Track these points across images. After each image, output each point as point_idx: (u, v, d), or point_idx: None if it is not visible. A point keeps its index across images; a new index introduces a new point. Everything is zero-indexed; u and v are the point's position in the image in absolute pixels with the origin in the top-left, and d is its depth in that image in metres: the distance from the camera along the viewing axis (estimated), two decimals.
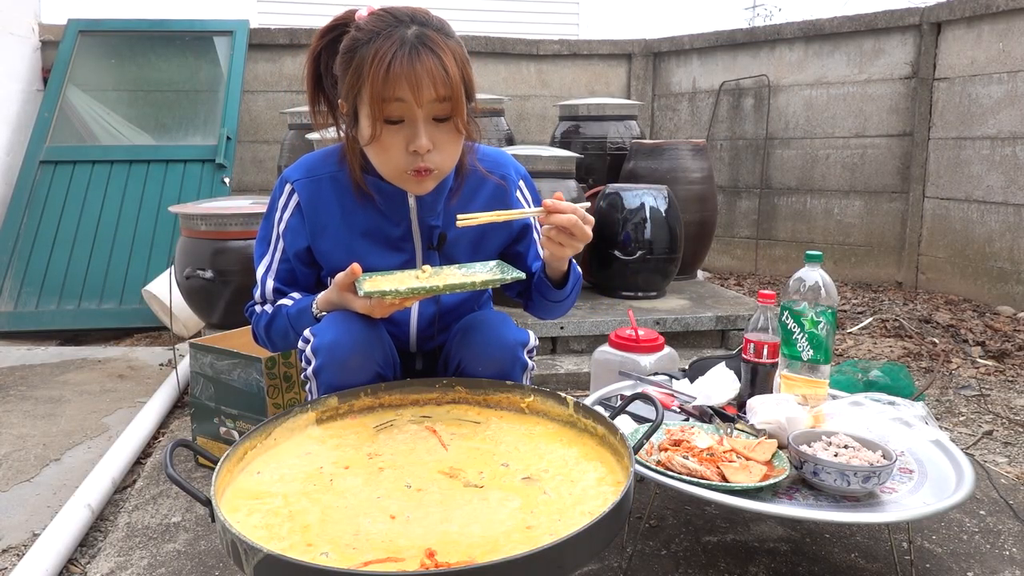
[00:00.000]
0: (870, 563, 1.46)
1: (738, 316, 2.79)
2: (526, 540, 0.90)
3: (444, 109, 1.20)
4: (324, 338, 1.26)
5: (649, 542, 1.53)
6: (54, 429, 2.20)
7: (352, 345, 1.26)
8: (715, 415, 1.52)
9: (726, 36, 4.63)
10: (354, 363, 1.27)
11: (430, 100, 1.18)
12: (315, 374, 1.29)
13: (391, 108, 1.19)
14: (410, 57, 1.16)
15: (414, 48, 1.17)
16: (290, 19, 5.92)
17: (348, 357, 1.26)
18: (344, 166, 1.35)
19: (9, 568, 1.49)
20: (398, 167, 1.24)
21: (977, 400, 2.42)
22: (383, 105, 1.18)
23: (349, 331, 1.26)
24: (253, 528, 0.94)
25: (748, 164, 4.64)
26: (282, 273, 1.41)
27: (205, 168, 3.78)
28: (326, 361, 1.26)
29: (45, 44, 4.24)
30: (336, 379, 1.27)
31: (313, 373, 1.29)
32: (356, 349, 1.26)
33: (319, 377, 1.28)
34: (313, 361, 1.28)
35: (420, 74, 1.16)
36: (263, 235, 1.42)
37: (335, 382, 1.28)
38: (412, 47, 1.17)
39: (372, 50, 1.17)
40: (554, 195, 1.26)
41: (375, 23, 1.20)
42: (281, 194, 1.38)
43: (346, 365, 1.26)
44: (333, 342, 1.26)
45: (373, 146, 1.23)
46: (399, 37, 1.17)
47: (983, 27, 3.65)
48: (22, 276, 3.40)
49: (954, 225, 3.86)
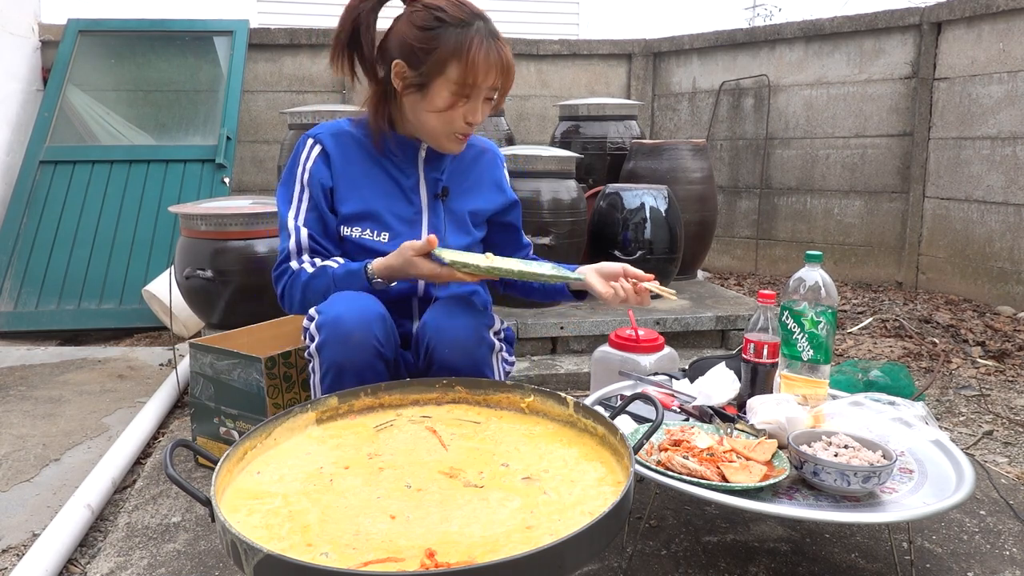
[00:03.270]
0: (870, 563, 1.46)
1: (738, 316, 2.79)
2: (526, 540, 0.90)
3: (494, 92, 1.46)
4: (329, 314, 1.36)
5: (649, 542, 1.53)
6: (54, 429, 2.20)
7: (355, 320, 1.34)
8: (715, 415, 1.52)
9: (726, 36, 4.63)
10: (356, 338, 1.34)
11: (494, 85, 1.44)
12: (318, 350, 1.37)
13: (471, 89, 1.41)
14: (497, 53, 1.41)
15: (494, 44, 1.41)
16: (290, 19, 5.92)
17: (350, 332, 1.34)
18: (359, 128, 1.55)
19: (9, 568, 1.49)
20: (451, 131, 1.47)
21: (977, 400, 2.42)
22: (470, 87, 1.41)
23: (352, 308, 1.36)
24: (253, 528, 0.94)
25: (748, 164, 4.64)
26: (311, 221, 1.51)
27: (205, 168, 3.77)
28: (329, 336, 1.35)
29: (45, 44, 4.24)
30: (338, 355, 1.35)
31: (316, 349, 1.37)
32: (358, 324, 1.34)
33: (322, 353, 1.36)
34: (316, 337, 1.37)
35: (500, 64, 1.42)
36: (285, 194, 1.53)
37: (337, 358, 1.35)
38: (493, 42, 1.41)
39: (467, 38, 1.39)
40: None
41: (456, 11, 1.41)
42: (303, 148, 1.53)
43: (348, 340, 1.34)
44: (337, 317, 1.35)
45: (439, 114, 1.44)
46: (482, 31, 1.40)
47: (983, 27, 3.65)
48: (22, 276, 3.40)
49: (954, 225, 3.86)
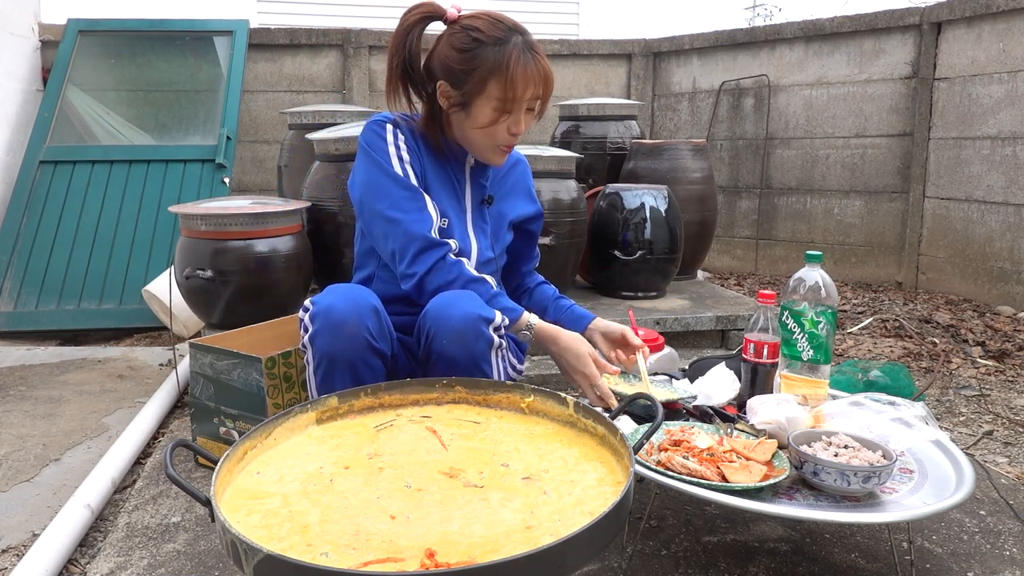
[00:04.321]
0: (870, 563, 1.46)
1: (738, 316, 2.79)
2: (526, 540, 0.90)
3: (536, 103, 1.50)
4: (321, 304, 1.39)
5: (649, 542, 1.53)
6: (54, 429, 2.20)
7: (347, 311, 1.38)
8: (715, 415, 1.52)
9: (726, 36, 4.63)
10: (348, 329, 1.37)
11: (535, 96, 1.48)
12: (311, 341, 1.40)
13: (514, 104, 1.46)
14: (535, 66, 1.45)
15: (532, 54, 1.45)
16: (290, 19, 5.93)
17: (341, 322, 1.37)
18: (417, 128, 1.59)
19: (9, 568, 1.49)
20: (495, 144, 1.52)
21: (977, 400, 2.42)
22: (511, 102, 1.45)
23: (345, 298, 1.40)
24: (253, 528, 0.94)
25: (748, 164, 4.64)
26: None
27: (205, 168, 3.77)
28: (321, 326, 1.38)
29: (45, 44, 4.24)
30: (329, 345, 1.37)
31: (309, 340, 1.40)
32: (350, 315, 1.37)
33: (314, 344, 1.39)
34: (310, 328, 1.40)
35: (539, 76, 1.46)
36: (384, 171, 1.53)
37: (328, 348, 1.37)
38: (531, 54, 1.45)
39: (505, 56, 1.43)
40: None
41: (492, 29, 1.45)
42: (385, 132, 1.56)
43: (339, 331, 1.36)
44: (329, 307, 1.38)
45: (484, 130, 1.50)
46: (519, 46, 1.45)
47: (983, 27, 3.65)
48: (22, 276, 3.40)
49: (954, 225, 3.86)
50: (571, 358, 1.49)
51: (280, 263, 2.44)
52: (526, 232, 1.78)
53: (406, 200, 1.51)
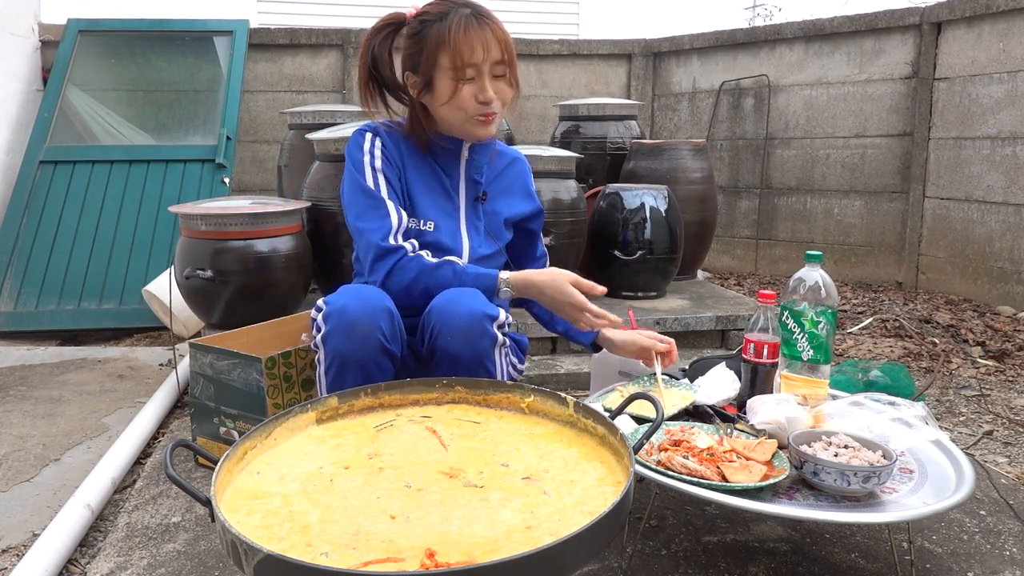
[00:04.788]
0: (870, 563, 1.46)
1: (738, 316, 2.79)
2: (526, 540, 0.90)
3: (501, 68, 1.50)
4: (335, 304, 1.40)
5: (649, 542, 1.53)
6: (54, 429, 2.20)
7: (360, 311, 1.37)
8: (715, 415, 1.52)
9: (726, 36, 4.63)
10: (361, 330, 1.36)
11: (493, 60, 1.48)
12: (323, 341, 1.39)
13: (467, 70, 1.46)
14: (479, 27, 1.46)
15: (478, 20, 1.47)
16: (290, 19, 5.93)
17: (355, 322, 1.36)
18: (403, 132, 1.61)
19: (9, 568, 1.49)
20: (468, 116, 1.51)
21: (977, 400, 2.42)
22: (462, 68, 1.46)
23: (359, 299, 1.41)
24: (253, 528, 0.94)
25: (748, 164, 4.64)
26: (398, 204, 1.56)
27: (205, 168, 3.77)
28: (334, 326, 1.37)
29: (45, 44, 4.23)
30: (342, 346, 1.37)
31: (322, 340, 1.40)
32: (364, 316, 1.37)
33: (327, 344, 1.39)
34: (323, 328, 1.39)
35: (488, 39, 1.46)
36: (357, 182, 1.55)
37: (341, 348, 1.37)
38: (476, 20, 1.46)
39: (446, 25, 1.45)
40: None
41: (438, 7, 1.49)
42: (364, 140, 1.58)
43: (352, 331, 1.36)
44: (343, 307, 1.38)
45: (449, 103, 1.49)
46: (463, 14, 1.46)
47: (983, 27, 3.65)
48: (22, 276, 3.40)
49: (954, 225, 3.86)
50: (554, 293, 1.51)
51: (280, 263, 2.44)
52: (526, 230, 1.78)
53: (370, 209, 1.54)
